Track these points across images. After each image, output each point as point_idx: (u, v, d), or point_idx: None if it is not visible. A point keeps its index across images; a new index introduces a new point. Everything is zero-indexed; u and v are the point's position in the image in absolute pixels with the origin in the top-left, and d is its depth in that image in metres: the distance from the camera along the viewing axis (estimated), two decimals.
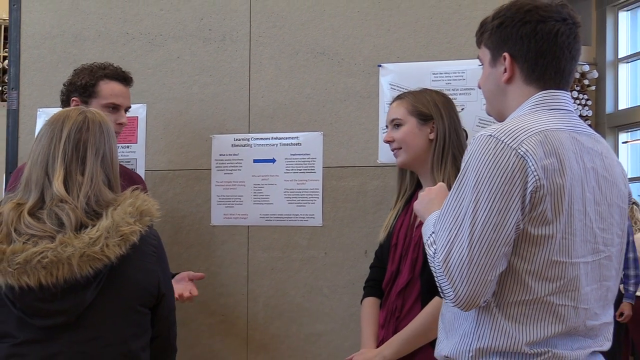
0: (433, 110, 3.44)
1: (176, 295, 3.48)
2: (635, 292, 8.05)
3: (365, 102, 4.03)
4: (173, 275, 3.65)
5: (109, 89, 3.77)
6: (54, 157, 2.74)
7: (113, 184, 2.82)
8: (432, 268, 2.43)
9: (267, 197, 4.16)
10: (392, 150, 3.52)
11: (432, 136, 3.43)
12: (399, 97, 3.56)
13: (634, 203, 9.45)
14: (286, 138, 4.14)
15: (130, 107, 3.90)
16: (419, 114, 3.45)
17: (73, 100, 3.78)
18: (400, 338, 3.37)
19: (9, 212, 2.69)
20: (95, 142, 2.79)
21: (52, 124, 2.82)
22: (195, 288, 3.67)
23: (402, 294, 3.44)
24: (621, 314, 8.09)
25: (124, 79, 3.84)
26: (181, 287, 3.64)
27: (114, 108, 3.77)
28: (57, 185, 2.69)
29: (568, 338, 2.49)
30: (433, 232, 2.48)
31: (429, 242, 2.49)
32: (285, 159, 4.13)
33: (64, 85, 3.84)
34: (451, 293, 2.37)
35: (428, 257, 2.47)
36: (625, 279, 8.02)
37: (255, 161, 4.18)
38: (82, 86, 3.77)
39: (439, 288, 2.42)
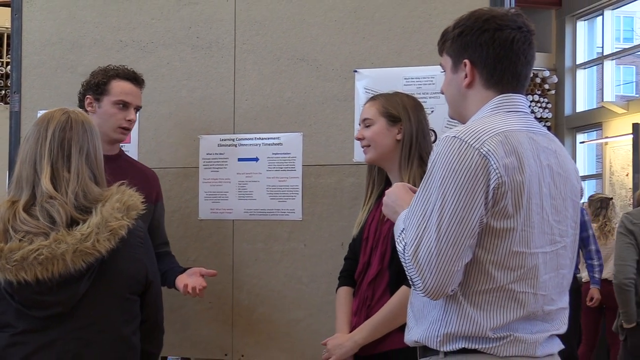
0: (402, 113, 3.44)
1: (188, 289, 3.56)
2: (600, 278, 8.16)
3: (342, 105, 4.03)
4: (184, 270, 3.74)
5: (119, 87, 3.79)
6: (41, 156, 2.74)
7: (99, 179, 2.82)
8: (402, 261, 2.46)
9: (250, 193, 4.16)
10: (362, 147, 3.53)
11: (399, 137, 3.43)
12: (371, 99, 3.57)
13: (609, 199, 9.53)
14: (268, 138, 4.14)
15: (140, 107, 3.91)
16: (388, 115, 3.45)
17: (87, 97, 3.81)
18: (371, 324, 3.39)
19: (5, 211, 2.69)
20: (79, 140, 2.79)
21: (38, 124, 2.83)
22: (205, 283, 3.66)
23: (373, 284, 3.44)
24: (592, 299, 8.20)
25: (135, 79, 3.86)
26: (192, 280, 3.64)
27: (124, 105, 3.78)
28: (45, 183, 2.70)
29: (528, 322, 2.52)
30: (404, 229, 2.49)
31: (399, 238, 2.50)
32: (268, 157, 4.13)
33: (81, 85, 3.86)
34: (420, 283, 2.39)
35: (398, 251, 2.48)
36: (590, 268, 8.17)
37: (239, 160, 4.18)
38: (95, 84, 3.80)
39: (409, 279, 2.44)
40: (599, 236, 8.53)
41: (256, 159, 4.15)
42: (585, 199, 10.83)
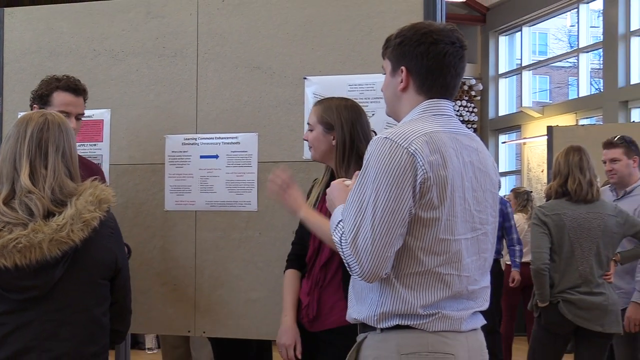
0: (336, 122, 3.43)
1: None
2: (520, 262, 8.31)
3: (293, 109, 4.01)
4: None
5: (60, 98, 3.75)
6: (20, 154, 2.72)
7: (74, 175, 2.79)
8: (339, 250, 2.51)
9: (211, 187, 4.12)
10: (309, 147, 3.57)
11: (334, 142, 3.43)
12: (315, 104, 3.58)
13: (529, 192, 9.61)
14: (227, 138, 4.11)
15: (82, 114, 3.85)
16: (324, 123, 3.45)
17: (34, 107, 3.78)
18: (316, 220, 3.26)
19: None
20: (55, 140, 2.76)
21: (18, 125, 2.80)
22: None
23: (325, 268, 3.45)
24: (513, 280, 8.33)
25: (75, 90, 3.80)
26: None
27: (66, 115, 3.63)
28: (24, 179, 2.67)
29: (454, 301, 2.57)
30: (341, 220, 2.53)
31: (337, 229, 2.54)
32: (227, 155, 4.10)
33: (31, 93, 3.83)
34: (358, 268, 2.45)
35: (334, 241, 2.54)
36: (512, 253, 8.33)
37: (201, 157, 4.14)
38: (39, 96, 3.79)
39: (346, 265, 2.49)
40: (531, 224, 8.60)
41: (216, 156, 4.12)
42: (507, 192, 10.95)
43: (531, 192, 9.77)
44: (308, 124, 3.54)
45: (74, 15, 4.40)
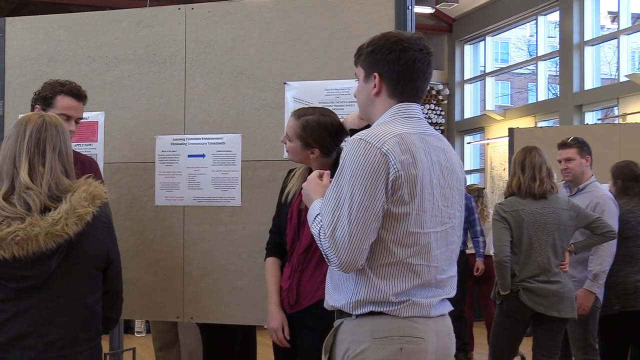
0: (317, 142, 3.46)
1: None
2: (484, 253, 8.35)
3: (274, 111, 4.00)
4: None
5: (63, 102, 3.73)
6: (20, 153, 2.71)
7: (69, 172, 2.78)
8: (318, 242, 2.53)
9: (198, 184, 4.11)
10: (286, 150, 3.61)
11: (312, 156, 3.47)
12: (294, 115, 3.56)
13: (482, 189, 9.64)
14: (213, 138, 4.10)
15: (81, 118, 3.85)
16: (303, 141, 3.47)
17: (36, 107, 3.76)
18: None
19: None
20: (52, 140, 2.76)
21: (17, 126, 2.79)
22: None
23: (304, 254, 3.46)
24: (477, 269, 8.38)
25: (78, 95, 3.79)
26: None
27: (67, 119, 3.68)
28: (23, 176, 2.66)
29: (423, 289, 2.59)
30: (319, 214, 2.54)
31: (315, 222, 2.56)
32: (213, 154, 4.09)
33: (33, 94, 3.80)
34: (335, 259, 2.47)
35: (313, 233, 2.57)
36: (476, 244, 8.38)
37: (189, 156, 4.13)
38: (43, 97, 3.76)
39: (325, 257, 2.51)
40: (479, 218, 8.71)
41: (203, 156, 4.11)
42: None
43: (483, 188, 9.85)
44: (286, 133, 3.55)
45: (70, 24, 4.39)
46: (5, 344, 2.65)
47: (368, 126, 2.80)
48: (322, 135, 3.46)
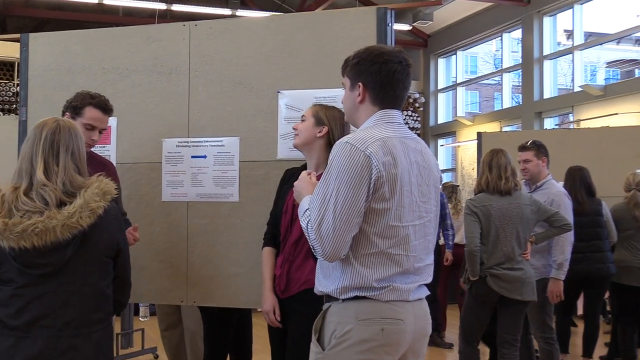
0: (329, 120, 3.45)
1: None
2: (453, 244, 8.32)
3: (268, 117, 3.99)
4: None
5: (90, 113, 3.71)
6: (36, 153, 2.72)
7: (81, 171, 2.77)
8: (305, 233, 2.56)
9: (200, 182, 4.10)
10: (294, 135, 3.55)
11: (319, 135, 3.43)
12: (314, 105, 3.57)
13: (456, 186, 9.64)
14: (214, 141, 4.09)
15: (105, 129, 3.83)
16: (317, 118, 3.46)
17: (66, 114, 3.73)
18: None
19: (9, 194, 2.67)
20: (65, 142, 2.75)
21: (35, 129, 2.79)
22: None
23: (295, 245, 3.45)
24: (446, 259, 8.33)
25: (105, 108, 3.77)
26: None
27: (91, 128, 3.71)
28: (39, 174, 2.67)
29: (403, 276, 2.59)
30: (307, 209, 2.55)
31: (304, 216, 2.58)
32: (213, 155, 4.08)
33: (66, 101, 3.78)
34: (320, 250, 2.49)
35: (302, 226, 2.59)
36: (446, 237, 8.31)
37: (192, 157, 4.12)
38: (73, 106, 3.73)
39: (311, 247, 2.54)
40: (453, 212, 8.74)
41: (205, 157, 4.10)
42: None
43: (457, 186, 9.81)
44: (302, 116, 3.52)
45: (86, 39, 4.38)
46: (27, 323, 2.64)
47: None
48: (335, 115, 3.46)
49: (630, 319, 6.86)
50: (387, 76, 2.64)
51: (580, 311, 7.52)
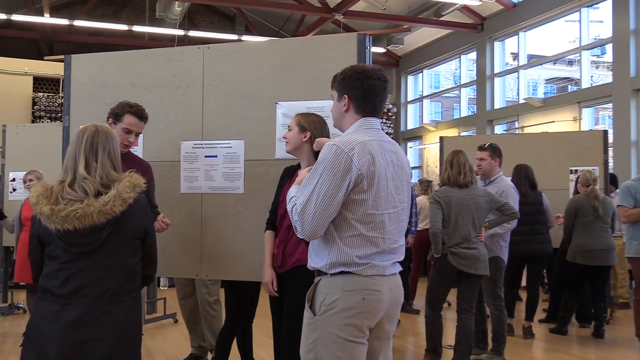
0: (310, 126, 3.46)
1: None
2: (416, 230, 8.37)
3: (268, 124, 3.97)
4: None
5: (128, 119, 3.75)
6: (79, 153, 2.73)
7: (116, 167, 2.78)
8: (290, 216, 2.58)
9: (212, 177, 4.08)
10: (285, 143, 3.56)
11: (305, 139, 3.44)
12: (296, 115, 3.57)
13: (430, 181, 9.66)
14: (223, 144, 4.07)
15: (140, 133, 3.86)
16: (300, 126, 3.47)
17: (109, 119, 3.79)
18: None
19: (57, 186, 2.68)
20: (102, 143, 2.77)
21: (78, 133, 2.81)
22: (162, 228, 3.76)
23: (289, 229, 3.43)
24: (408, 242, 8.26)
25: (140, 116, 3.80)
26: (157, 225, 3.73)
27: (128, 132, 3.74)
28: (81, 169, 2.68)
29: (380, 255, 2.60)
30: (294, 196, 2.58)
31: (291, 201, 2.60)
32: (223, 155, 4.06)
33: (110, 109, 3.82)
34: (300, 230, 2.56)
35: (288, 209, 2.61)
36: (409, 224, 8.21)
37: (205, 156, 4.10)
38: (115, 113, 3.78)
39: (294, 227, 2.57)
40: (430, 203, 8.71)
41: (216, 156, 4.07)
42: (415, 181, 11.04)
43: (431, 181, 9.86)
44: (288, 126, 3.53)
45: (118, 59, 4.36)
46: (70, 293, 2.64)
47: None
48: (314, 120, 3.48)
49: (574, 293, 6.95)
50: (367, 90, 2.64)
51: (524, 283, 7.55)
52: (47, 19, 13.51)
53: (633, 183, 6.22)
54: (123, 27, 14.17)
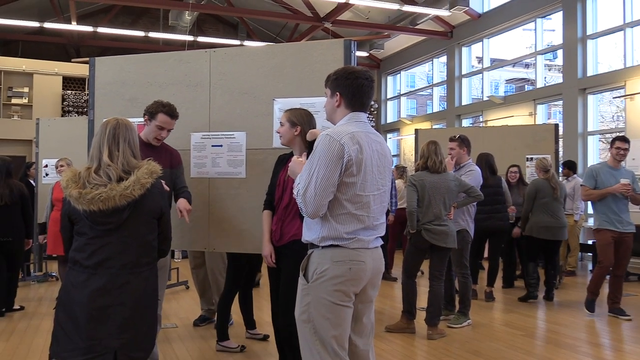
0: (299, 121, 3.42)
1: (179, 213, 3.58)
2: (396, 209, 8.29)
3: (266, 118, 3.94)
4: (184, 197, 3.73)
5: (161, 118, 3.70)
6: (102, 143, 2.71)
7: (136, 155, 2.77)
8: (296, 198, 2.54)
9: (218, 163, 4.05)
10: (279, 136, 3.52)
11: (296, 133, 3.41)
12: (286, 111, 3.52)
13: (404, 167, 9.64)
14: (228, 135, 4.04)
15: (172, 129, 3.79)
16: (291, 122, 3.43)
17: (145, 116, 3.74)
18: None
19: (84, 172, 2.67)
20: (123, 134, 2.74)
21: (101, 126, 2.79)
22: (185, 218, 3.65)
23: (285, 210, 3.45)
24: (390, 220, 8.28)
25: (172, 115, 3.74)
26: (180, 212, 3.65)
27: (161, 128, 3.70)
28: (105, 157, 2.67)
29: (365, 231, 2.59)
30: (299, 183, 2.54)
31: (295, 187, 2.57)
32: (227, 145, 4.04)
33: (146, 107, 3.76)
34: (305, 210, 2.52)
35: (294, 193, 2.57)
36: (390, 204, 8.21)
37: (212, 146, 4.07)
38: (150, 112, 3.73)
39: (299, 208, 2.53)
40: (405, 185, 8.65)
41: (221, 146, 4.05)
42: (392, 167, 11.01)
43: (406, 167, 9.83)
44: (280, 122, 3.49)
45: (136, 61, 4.32)
46: (96, 264, 2.63)
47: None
48: (302, 114, 3.44)
49: (532, 260, 7.01)
50: (357, 88, 2.63)
51: (486, 255, 7.59)
52: (74, 27, 13.37)
53: (597, 166, 6.15)
54: (140, 33, 14.05)
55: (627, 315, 6.01)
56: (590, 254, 9.30)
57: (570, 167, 8.70)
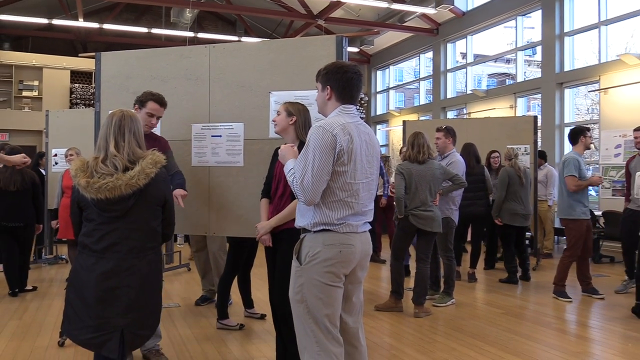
0: (295, 112, 3.40)
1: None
2: (388, 194, 8.23)
3: (263, 110, 3.91)
4: (178, 185, 3.67)
5: (151, 105, 3.70)
6: (109, 134, 2.70)
7: (141, 146, 2.75)
8: (291, 186, 2.52)
9: (217, 153, 4.02)
10: (274, 125, 3.49)
11: (291, 122, 3.39)
12: (285, 103, 3.50)
13: (387, 157, 9.63)
14: (227, 125, 4.00)
15: (161, 116, 3.80)
16: (288, 111, 3.41)
17: (135, 105, 3.73)
18: (277, 217, 3.43)
19: (92, 162, 2.66)
20: (128, 125, 2.73)
21: (108, 117, 2.76)
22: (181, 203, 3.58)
23: (281, 198, 3.45)
24: (382, 204, 8.28)
25: (161, 102, 3.74)
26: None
27: (151, 115, 3.68)
28: (111, 148, 2.65)
29: (354, 216, 2.58)
30: (292, 169, 2.54)
31: (289, 173, 2.56)
32: (226, 135, 4.00)
33: (136, 97, 3.76)
34: (302, 198, 2.48)
35: (289, 181, 2.56)
36: (385, 188, 8.26)
37: (212, 136, 4.04)
38: (140, 100, 3.72)
39: (296, 196, 2.51)
40: (388, 172, 8.65)
41: (220, 136, 4.02)
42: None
43: (389, 157, 9.83)
44: (277, 111, 3.46)
45: (140, 56, 4.27)
46: (104, 249, 2.62)
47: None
48: (299, 108, 3.42)
49: (509, 246, 7.04)
50: (346, 82, 2.61)
51: (469, 238, 7.62)
52: (81, 23, 13.26)
53: (577, 157, 5.88)
54: (143, 29, 13.94)
55: (600, 295, 6.06)
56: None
57: (542, 156, 8.77)
